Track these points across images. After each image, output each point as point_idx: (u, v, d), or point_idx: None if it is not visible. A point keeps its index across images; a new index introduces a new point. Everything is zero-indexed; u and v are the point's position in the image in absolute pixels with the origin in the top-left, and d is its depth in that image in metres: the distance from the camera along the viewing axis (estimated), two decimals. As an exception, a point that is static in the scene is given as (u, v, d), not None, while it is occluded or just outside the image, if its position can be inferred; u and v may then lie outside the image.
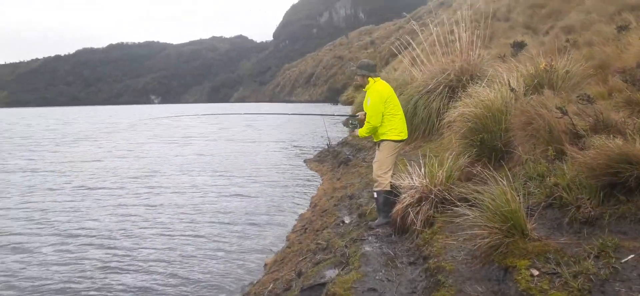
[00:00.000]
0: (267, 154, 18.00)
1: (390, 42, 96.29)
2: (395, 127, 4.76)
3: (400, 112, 4.86)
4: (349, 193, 8.21)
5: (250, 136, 26.69)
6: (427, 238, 3.64)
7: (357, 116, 5.22)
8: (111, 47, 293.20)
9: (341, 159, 13.19)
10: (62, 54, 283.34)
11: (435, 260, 3.21)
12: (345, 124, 5.36)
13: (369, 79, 4.87)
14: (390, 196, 4.65)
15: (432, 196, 3.87)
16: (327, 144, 17.07)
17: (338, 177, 11.23)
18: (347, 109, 35.37)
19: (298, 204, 9.78)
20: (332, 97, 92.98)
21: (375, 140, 4.93)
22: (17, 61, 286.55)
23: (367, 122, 4.69)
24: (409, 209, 3.93)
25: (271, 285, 4.68)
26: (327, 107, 55.82)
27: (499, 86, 5.31)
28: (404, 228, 4.07)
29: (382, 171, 4.74)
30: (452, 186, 4.04)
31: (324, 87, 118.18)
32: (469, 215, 3.08)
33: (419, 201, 3.91)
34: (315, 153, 17.50)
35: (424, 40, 14.95)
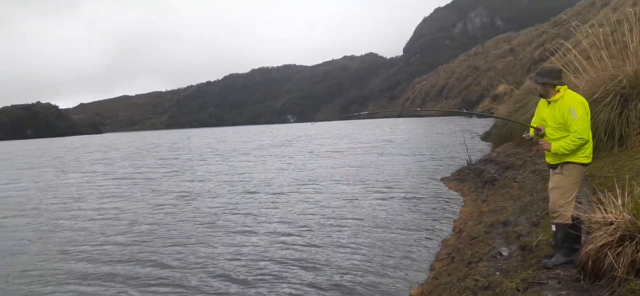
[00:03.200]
0: (401, 173, 17.43)
1: (532, 48, 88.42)
2: (587, 147, 3.93)
3: (590, 131, 4.01)
4: (502, 219, 7.29)
5: (380, 150, 26.39)
6: (636, 289, 2.82)
7: (539, 128, 4.28)
8: (253, 72, 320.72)
9: (486, 178, 12.07)
10: (212, 80, 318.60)
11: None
12: (526, 136, 4.44)
13: (558, 87, 4.06)
14: (573, 230, 3.83)
15: (640, 235, 3.03)
16: (467, 161, 15.90)
17: (484, 199, 10.23)
18: (486, 122, 33.07)
19: (440, 228, 9.09)
20: (466, 109, 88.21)
21: (553, 162, 4.09)
22: (176, 88, 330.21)
23: (578, 137, 3.81)
24: (607, 250, 3.12)
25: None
26: (460, 120, 52.85)
27: None
28: (597, 273, 3.26)
29: (565, 200, 3.93)
30: (665, 223, 3.13)
31: (457, 99, 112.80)
32: None
33: (621, 240, 3.09)
34: (453, 170, 16.42)
35: (580, 41, 13.09)
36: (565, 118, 3.93)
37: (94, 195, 16.30)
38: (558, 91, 4.04)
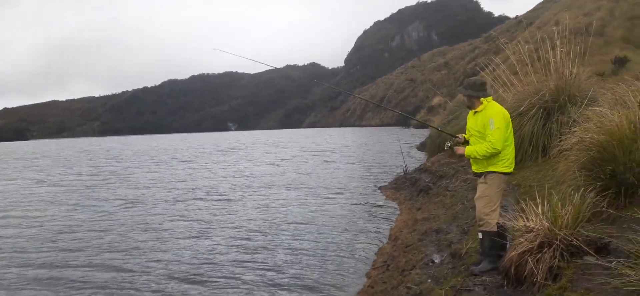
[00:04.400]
0: (341, 182, 17.59)
1: (465, 62, 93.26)
2: (508, 158, 4.12)
3: (513, 142, 4.22)
4: (434, 227, 7.51)
5: (320, 158, 26.53)
6: (554, 294, 2.95)
7: (457, 137, 4.58)
8: (193, 78, 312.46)
9: (420, 186, 12.42)
10: (149, 86, 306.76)
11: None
12: (447, 147, 4.68)
13: (482, 99, 4.26)
14: (498, 238, 3.98)
15: (557, 242, 3.18)
16: (404, 170, 16.31)
17: (418, 207, 10.52)
18: (422, 132, 34.30)
19: (376, 236, 9.19)
20: (404, 120, 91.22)
21: (478, 171, 4.27)
22: (110, 93, 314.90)
23: (491, 146, 3.99)
24: (527, 256, 3.26)
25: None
26: (399, 131, 54.62)
27: (622, 108, 4.46)
28: (520, 279, 3.39)
29: (490, 208, 4.09)
30: (580, 229, 3.32)
31: (395, 110, 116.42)
32: (615, 269, 2.39)
33: (540, 247, 3.23)
34: (391, 179, 16.79)
35: (508, 57, 13.93)
36: (485, 128, 4.15)
37: (28, 203, 15.16)
38: (482, 102, 4.25)
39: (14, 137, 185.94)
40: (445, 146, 4.75)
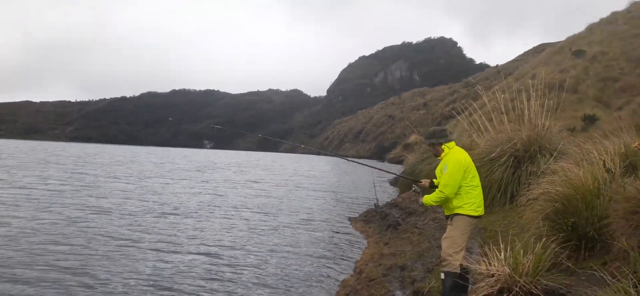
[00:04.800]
0: (310, 209, 17.47)
1: (443, 104, 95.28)
2: (473, 202, 4.14)
3: (479, 185, 4.25)
4: (400, 263, 7.47)
5: (294, 183, 26.38)
6: (509, 342, 2.92)
7: (420, 182, 4.64)
8: (174, 93, 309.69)
9: (390, 221, 12.42)
10: (128, 96, 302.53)
11: None
12: (412, 190, 4.77)
13: (443, 146, 4.33)
14: (460, 279, 3.96)
15: (517, 289, 3.17)
16: (375, 204, 16.21)
17: (386, 242, 10.48)
18: (397, 167, 34.60)
19: (341, 268, 9.08)
20: (380, 154, 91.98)
21: (446, 213, 4.31)
22: (87, 99, 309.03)
23: (440, 191, 4.09)
24: (487, 302, 3.23)
25: None
26: (374, 164, 55.04)
27: (588, 165, 4.57)
28: (477, 324, 3.36)
29: (453, 250, 4.08)
30: (539, 278, 3.32)
31: (372, 143, 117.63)
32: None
33: (500, 292, 3.22)
34: (361, 211, 16.76)
35: (485, 104, 14.31)
36: (441, 173, 4.22)
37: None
38: (443, 149, 4.33)
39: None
40: (412, 189, 4.81)
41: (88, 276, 7.55)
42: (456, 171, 4.12)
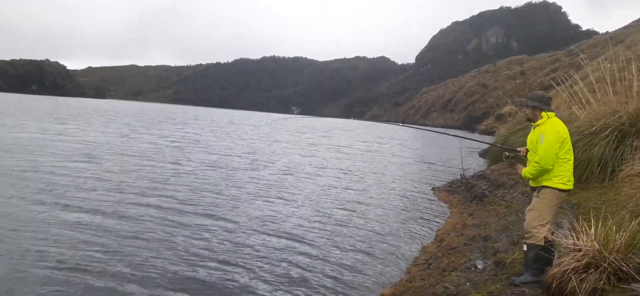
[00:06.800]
0: (394, 176, 17.47)
1: (543, 73, 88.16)
2: (564, 175, 3.94)
3: (572, 159, 4.03)
4: (484, 234, 7.32)
5: (379, 152, 26.40)
6: (593, 315, 2.84)
7: (519, 151, 4.45)
8: (264, 59, 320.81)
9: (476, 193, 12.07)
10: (222, 62, 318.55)
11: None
12: (505, 157, 4.62)
13: (543, 113, 4.12)
14: (544, 252, 3.84)
15: (605, 265, 3.03)
16: (461, 175, 15.90)
17: (470, 213, 10.25)
18: (487, 139, 33.10)
19: (422, 234, 9.10)
20: (469, 125, 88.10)
21: (533, 185, 4.15)
22: (185, 65, 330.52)
23: (537, 162, 3.92)
24: (572, 275, 3.13)
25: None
26: (464, 135, 52.98)
27: None
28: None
29: (538, 222, 3.94)
30: (632, 256, 3.14)
31: (462, 114, 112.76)
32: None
33: (586, 267, 3.10)
34: (446, 181, 16.43)
35: (588, 75, 13.11)
36: (536, 143, 4.01)
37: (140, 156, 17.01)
38: (542, 117, 4.11)
39: (94, 94, 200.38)
40: (503, 156, 4.64)
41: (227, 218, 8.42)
42: (554, 142, 3.92)
